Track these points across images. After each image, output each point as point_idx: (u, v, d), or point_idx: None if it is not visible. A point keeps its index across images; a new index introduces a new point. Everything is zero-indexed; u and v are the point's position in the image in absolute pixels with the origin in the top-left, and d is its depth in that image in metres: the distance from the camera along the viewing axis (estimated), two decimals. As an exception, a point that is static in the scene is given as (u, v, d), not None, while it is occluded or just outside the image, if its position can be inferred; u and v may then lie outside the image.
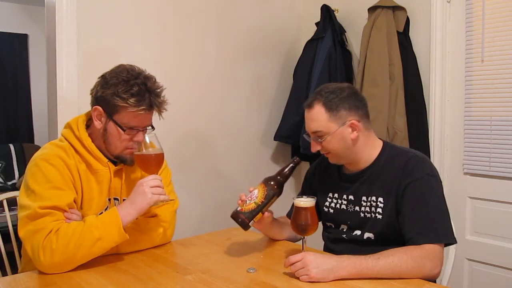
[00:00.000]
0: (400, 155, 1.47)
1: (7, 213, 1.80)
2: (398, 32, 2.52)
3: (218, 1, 2.73)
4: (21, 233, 1.30)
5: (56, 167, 1.35)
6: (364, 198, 1.48)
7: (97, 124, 1.43)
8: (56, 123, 2.13)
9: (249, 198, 1.37)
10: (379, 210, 1.44)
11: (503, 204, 2.31)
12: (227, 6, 2.78)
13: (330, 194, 1.59)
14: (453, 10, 2.46)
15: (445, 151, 2.51)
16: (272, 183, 1.39)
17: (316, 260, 1.25)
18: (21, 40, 4.84)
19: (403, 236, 1.38)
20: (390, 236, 1.41)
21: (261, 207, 1.37)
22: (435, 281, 1.33)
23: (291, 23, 3.14)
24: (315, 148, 1.48)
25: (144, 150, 1.42)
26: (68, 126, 1.47)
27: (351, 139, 1.45)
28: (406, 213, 1.38)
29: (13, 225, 1.66)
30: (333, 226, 1.60)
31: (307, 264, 1.24)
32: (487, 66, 2.35)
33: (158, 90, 1.43)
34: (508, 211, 2.29)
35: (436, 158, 2.51)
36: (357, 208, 1.50)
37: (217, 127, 2.76)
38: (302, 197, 1.37)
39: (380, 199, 1.44)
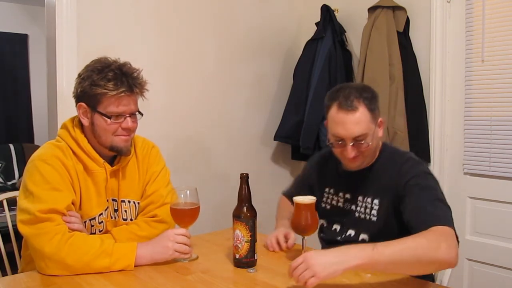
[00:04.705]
0: (397, 157, 1.46)
1: (7, 213, 1.80)
2: (398, 32, 2.52)
3: (218, 1, 2.73)
4: (21, 232, 1.30)
5: (54, 167, 1.35)
6: (360, 198, 1.47)
7: (85, 121, 1.42)
8: (56, 123, 2.13)
9: (239, 242, 1.35)
10: (374, 212, 1.42)
11: (503, 204, 2.31)
12: (227, 6, 2.78)
13: (327, 189, 1.59)
14: (453, 10, 2.46)
15: (445, 151, 2.51)
16: (243, 215, 1.36)
17: (319, 257, 1.11)
18: (21, 40, 4.83)
19: (400, 236, 1.35)
20: (385, 239, 1.38)
21: (254, 240, 1.36)
22: (434, 281, 1.33)
23: (291, 23, 3.14)
24: (352, 153, 1.38)
25: (181, 201, 1.41)
26: (64, 126, 1.47)
27: (379, 137, 1.44)
28: (411, 207, 1.31)
29: (13, 225, 1.66)
30: (325, 225, 1.58)
31: (311, 263, 1.09)
32: (487, 66, 2.35)
33: (135, 74, 1.42)
34: (508, 211, 2.29)
35: (436, 158, 2.51)
36: (352, 207, 1.49)
37: (217, 127, 2.76)
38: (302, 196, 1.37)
39: (376, 201, 1.43)
